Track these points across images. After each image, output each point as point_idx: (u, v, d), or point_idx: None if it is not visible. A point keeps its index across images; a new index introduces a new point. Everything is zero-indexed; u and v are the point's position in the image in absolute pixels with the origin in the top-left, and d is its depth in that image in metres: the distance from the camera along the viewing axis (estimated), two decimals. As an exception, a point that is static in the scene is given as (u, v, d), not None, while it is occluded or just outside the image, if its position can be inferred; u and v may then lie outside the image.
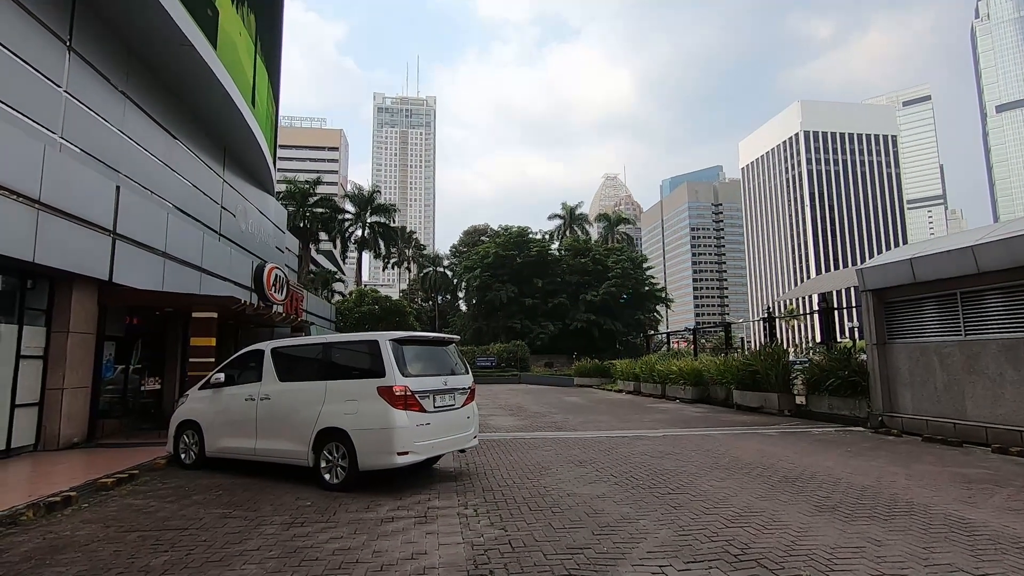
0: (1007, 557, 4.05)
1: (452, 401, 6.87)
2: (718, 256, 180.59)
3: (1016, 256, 8.76)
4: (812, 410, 13.11)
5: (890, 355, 11.18)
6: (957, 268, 9.70)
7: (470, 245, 65.97)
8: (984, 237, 9.48)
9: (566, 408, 16.84)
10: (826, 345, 14.63)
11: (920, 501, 5.63)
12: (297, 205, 45.98)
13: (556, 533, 4.74)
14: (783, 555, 4.14)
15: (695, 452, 8.74)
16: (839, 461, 7.87)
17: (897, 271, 10.93)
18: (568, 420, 13.64)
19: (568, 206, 62.88)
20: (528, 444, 9.86)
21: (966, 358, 9.62)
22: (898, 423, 10.74)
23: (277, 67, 22.89)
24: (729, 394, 16.16)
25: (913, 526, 4.80)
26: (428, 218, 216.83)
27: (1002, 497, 5.78)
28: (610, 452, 8.87)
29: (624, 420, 13.50)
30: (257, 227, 20.92)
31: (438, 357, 7.18)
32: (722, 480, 6.72)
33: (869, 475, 6.89)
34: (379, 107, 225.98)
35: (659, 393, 20.29)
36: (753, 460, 7.97)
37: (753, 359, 15.33)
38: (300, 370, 7.20)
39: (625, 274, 47.68)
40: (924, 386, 10.39)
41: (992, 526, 4.78)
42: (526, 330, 45.58)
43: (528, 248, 49.10)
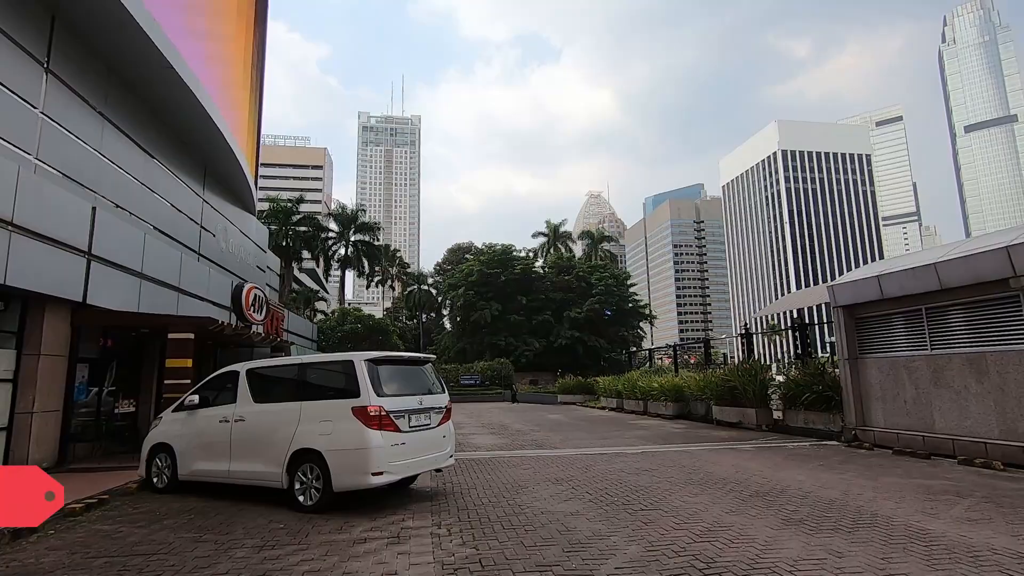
0: (959, 566, 4.18)
1: (428, 420, 6.90)
2: (701, 273, 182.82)
3: (976, 273, 9.08)
4: (789, 425, 13.31)
5: (861, 370, 11.44)
6: (921, 285, 10.02)
7: (454, 263, 66.08)
8: (946, 255, 9.82)
9: (548, 426, 16.85)
10: (802, 360, 14.90)
11: (884, 513, 5.77)
12: (280, 224, 45.78)
13: (527, 551, 4.78)
14: (747, 568, 4.23)
15: (671, 468, 8.83)
16: (810, 475, 8.01)
17: (866, 288, 11.24)
18: (549, 438, 13.66)
19: (552, 223, 63.44)
20: (507, 462, 9.87)
21: (933, 372, 9.89)
22: (870, 436, 10.95)
23: (259, 85, 23.01)
24: (709, 410, 16.32)
25: (874, 538, 4.93)
26: (413, 236, 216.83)
27: (962, 508, 5.95)
28: (588, 470, 8.92)
29: (605, 437, 13.56)
30: (237, 246, 20.81)
31: (414, 376, 7.22)
32: (695, 495, 6.81)
33: (837, 488, 7.04)
34: (364, 126, 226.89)
35: (641, 410, 20.39)
36: (727, 475, 8.08)
37: (731, 375, 15.53)
38: (275, 391, 7.19)
39: (609, 291, 48.05)
40: (894, 400, 10.64)
41: (950, 536, 4.93)
42: (511, 347, 45.57)
43: (512, 266, 49.32)
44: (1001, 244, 8.77)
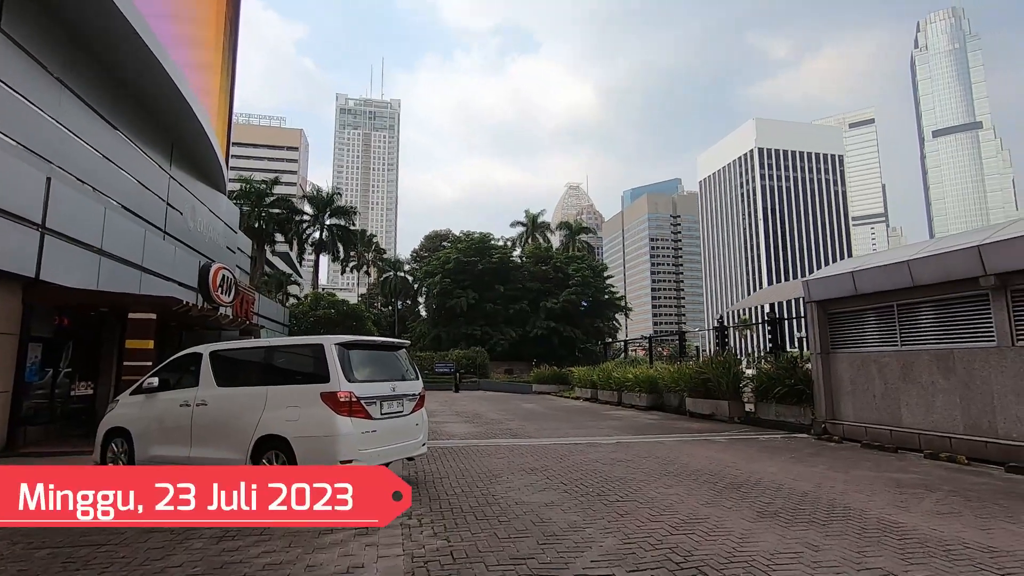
0: (934, 560, 4.18)
1: (400, 408, 6.69)
2: (676, 266, 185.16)
3: (948, 271, 9.22)
4: (760, 417, 13.46)
5: (833, 364, 11.59)
6: (894, 282, 10.14)
7: (431, 250, 65.45)
8: (918, 253, 9.95)
9: (523, 415, 16.77)
10: (774, 354, 15.08)
11: (856, 506, 5.79)
12: (252, 205, 44.61)
13: (501, 543, 4.64)
14: (724, 561, 4.16)
15: (646, 459, 8.80)
16: (783, 467, 8.06)
17: (839, 283, 11.35)
18: (524, 427, 13.57)
19: (531, 214, 63.22)
20: (481, 451, 9.72)
21: (902, 367, 10.05)
22: (840, 430, 11.12)
23: (232, 61, 22.17)
24: (682, 401, 16.44)
25: (849, 531, 4.92)
26: (390, 222, 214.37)
27: (931, 501, 6.01)
28: (563, 459, 8.83)
29: (579, 427, 13.53)
30: (207, 226, 20.12)
31: (387, 362, 6.99)
32: (670, 487, 6.76)
33: (810, 481, 7.08)
34: (341, 108, 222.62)
35: (615, 400, 20.47)
36: (701, 467, 8.08)
37: (705, 367, 15.64)
38: (240, 374, 6.88)
39: (585, 282, 48.19)
40: (864, 394, 10.80)
41: (921, 530, 4.95)
42: (486, 336, 45.42)
43: (490, 254, 49.03)
44: (972, 243, 8.90)
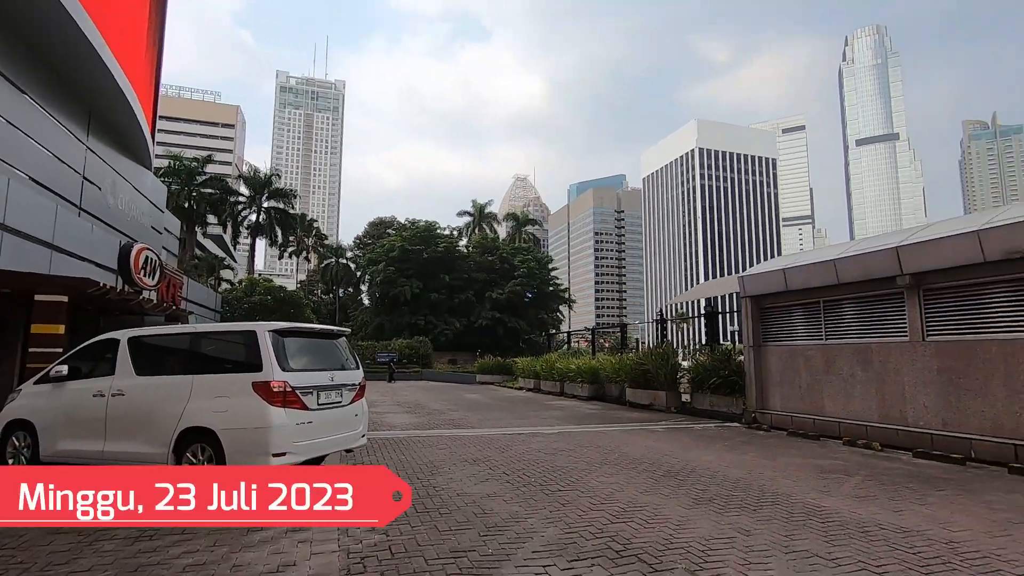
0: (854, 541, 4.42)
1: (339, 398, 6.43)
2: (619, 260, 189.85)
3: (868, 270, 9.80)
4: (696, 407, 13.97)
5: (764, 357, 12.14)
6: (821, 279, 10.71)
7: (375, 237, 63.97)
8: (843, 253, 10.54)
9: (466, 405, 16.68)
10: (710, 347, 15.67)
11: (784, 491, 6.07)
12: (182, 183, 41.99)
13: (441, 535, 4.54)
14: (662, 549, 4.23)
15: (587, 448, 8.92)
16: (717, 455, 8.36)
17: (772, 280, 11.88)
18: (467, 418, 13.48)
19: (478, 204, 62.91)
20: (423, 442, 9.56)
21: (826, 360, 10.65)
22: (768, 419, 11.69)
23: (160, 26, 20.62)
24: (622, 392, 16.83)
25: (777, 515, 5.14)
26: (332, 207, 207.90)
27: (851, 485, 6.39)
28: (505, 450, 8.81)
29: (522, 417, 13.59)
30: (129, 203, 18.71)
31: (326, 351, 6.71)
32: (610, 476, 6.87)
33: (742, 468, 7.37)
34: (282, 86, 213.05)
35: (558, 391, 20.74)
36: (640, 456, 8.26)
37: (645, 359, 16.06)
38: (163, 362, 6.41)
39: (531, 273, 48.52)
40: (791, 385, 11.39)
41: (842, 513, 5.23)
42: (430, 326, 44.94)
43: (436, 243, 48.45)
44: (891, 245, 9.50)
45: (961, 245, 8.33)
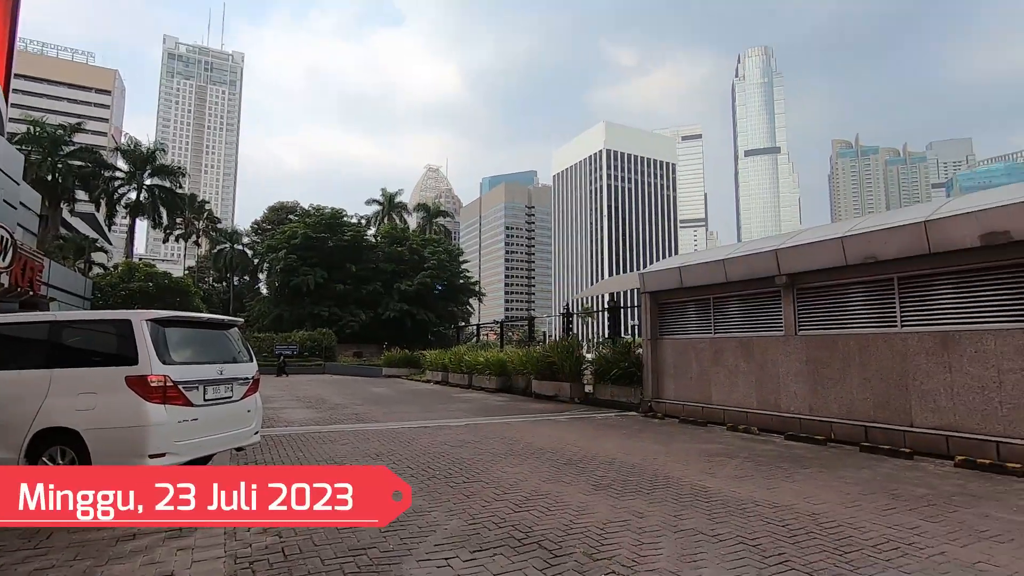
0: (733, 518, 4.81)
1: (229, 393, 5.97)
2: (529, 255, 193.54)
3: (752, 270, 10.70)
4: (598, 398, 14.56)
5: (660, 349, 12.90)
6: (712, 277, 11.54)
7: (276, 223, 60.34)
8: (731, 253, 11.43)
9: (371, 399, 16.24)
10: (612, 340, 16.40)
11: (674, 475, 6.49)
12: (44, 153, 37.02)
13: (339, 534, 4.36)
14: (562, 534, 4.36)
15: (493, 440, 9.00)
16: (616, 444, 8.77)
17: (669, 277, 12.63)
18: (371, 412, 13.12)
19: (388, 193, 61.30)
20: (323, 438, 9.17)
21: (714, 352, 11.51)
22: (663, 407, 12.44)
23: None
24: (529, 384, 17.18)
25: (668, 497, 5.47)
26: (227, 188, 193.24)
27: (732, 467, 6.96)
28: (410, 443, 8.67)
29: (429, 410, 13.45)
30: (-26, 172, 16.18)
31: (215, 342, 6.21)
32: (515, 466, 6.97)
33: (637, 455, 7.78)
34: (171, 53, 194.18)
35: (466, 383, 20.76)
36: (544, 445, 8.47)
37: (551, 351, 16.50)
38: (13, 355, 5.60)
39: (441, 265, 48.12)
40: (683, 376, 12.19)
41: (724, 492, 5.68)
42: (335, 318, 43.23)
43: (342, 231, 46.62)
44: (772, 247, 10.44)
45: (828, 249, 9.31)
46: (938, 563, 3.80)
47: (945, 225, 7.79)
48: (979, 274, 7.62)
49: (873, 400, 8.55)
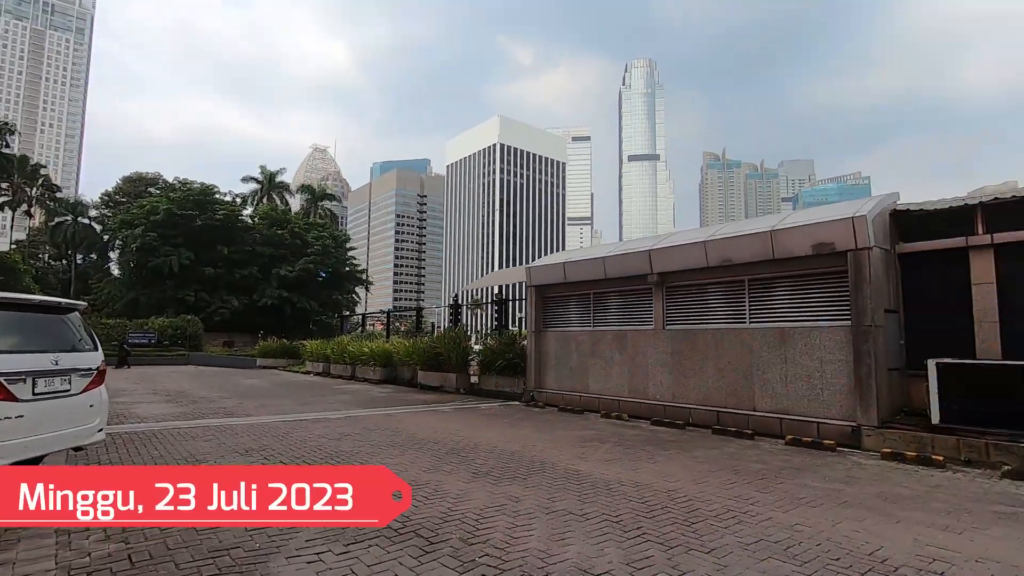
0: (600, 498, 5.18)
1: (67, 386, 5.27)
2: (419, 244, 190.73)
3: (628, 268, 11.48)
4: (483, 388, 14.81)
5: (544, 341, 13.40)
6: (593, 273, 12.21)
7: (132, 196, 53.68)
8: (610, 252, 12.17)
9: (242, 392, 15.13)
10: (499, 331, 16.73)
11: (550, 460, 6.82)
12: None
13: (198, 536, 4.05)
14: (439, 522, 4.42)
15: (375, 431, 8.82)
16: (497, 432, 9.00)
17: (554, 271, 13.16)
18: (242, 405, 12.23)
19: (268, 171, 57.13)
20: (183, 435, 8.40)
21: (592, 344, 12.21)
22: (544, 397, 12.96)
23: None
24: (415, 375, 17.02)
25: (543, 482, 5.75)
26: (70, 153, 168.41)
27: (602, 452, 7.46)
28: (285, 437, 8.24)
29: (307, 403, 12.83)
30: None
31: (49, 328, 5.44)
32: (396, 457, 6.90)
33: (517, 442, 8.06)
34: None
35: (349, 375, 20.09)
36: (427, 436, 8.47)
37: (438, 342, 16.48)
38: None
39: (326, 251, 45.86)
40: (563, 367, 12.79)
41: (594, 475, 6.08)
42: (203, 304, 39.58)
43: (213, 209, 42.67)
44: (646, 248, 11.27)
45: (693, 252, 10.25)
46: (766, 527, 4.39)
47: (786, 235, 8.92)
48: (810, 278, 8.84)
49: (725, 388, 9.59)
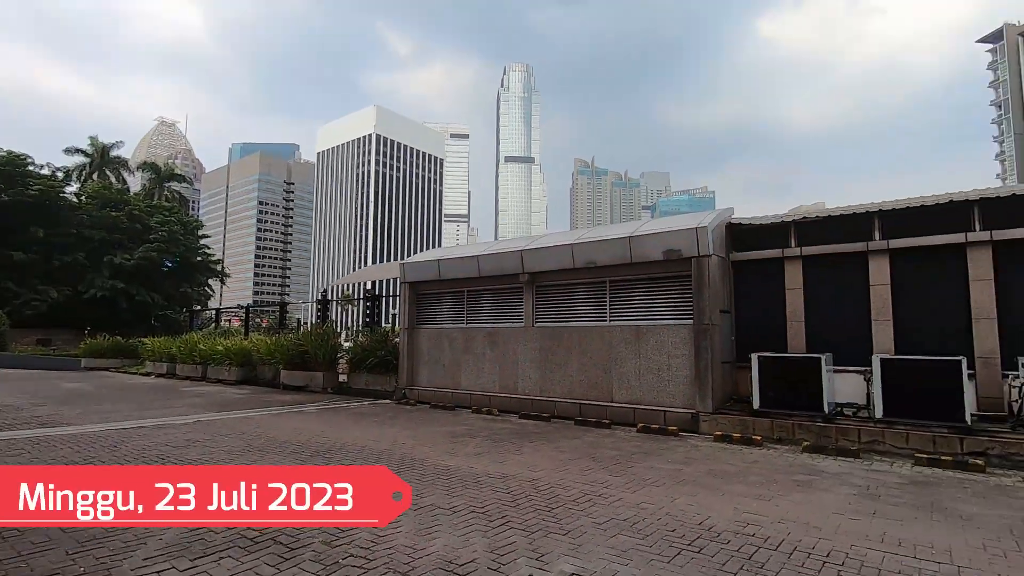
0: (468, 491, 5.31)
1: None
2: (285, 235, 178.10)
3: (502, 266, 11.81)
4: (352, 387, 14.31)
5: (417, 338, 13.31)
6: (467, 271, 12.38)
7: (-91, 161, 43.57)
8: (485, 250, 12.43)
9: (61, 398, 13.08)
10: (370, 328, 16.27)
11: (420, 457, 6.83)
12: None
13: (19, 557, 3.48)
14: (299, 530, 4.23)
15: (229, 436, 8.16)
16: (365, 431, 8.79)
17: (428, 268, 13.12)
18: (61, 413, 10.59)
19: (100, 143, 49.65)
20: (-19, 450, 7.09)
21: (465, 341, 12.37)
22: (416, 394, 12.87)
23: None
24: (277, 374, 15.95)
25: (412, 478, 5.75)
26: None
27: (472, 446, 7.63)
28: (117, 447, 7.31)
29: (146, 408, 11.46)
30: None
31: None
32: (253, 462, 6.47)
33: (387, 441, 7.95)
34: None
35: (199, 375, 18.27)
36: (289, 438, 8.02)
37: (304, 339, 15.61)
38: None
39: (173, 238, 41.02)
40: (436, 364, 12.81)
41: (463, 469, 6.22)
42: (9, 295, 33.43)
43: (25, 183, 36.13)
44: (518, 248, 11.69)
45: (561, 253, 10.84)
46: (616, 508, 4.82)
47: (642, 241, 9.79)
48: (662, 281, 9.79)
49: (587, 381, 10.28)
